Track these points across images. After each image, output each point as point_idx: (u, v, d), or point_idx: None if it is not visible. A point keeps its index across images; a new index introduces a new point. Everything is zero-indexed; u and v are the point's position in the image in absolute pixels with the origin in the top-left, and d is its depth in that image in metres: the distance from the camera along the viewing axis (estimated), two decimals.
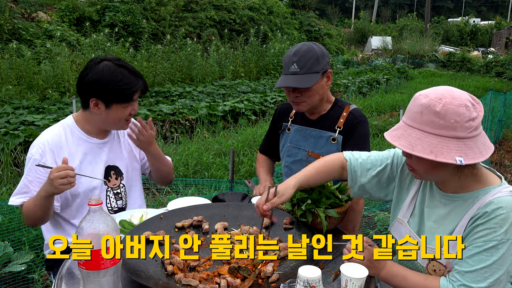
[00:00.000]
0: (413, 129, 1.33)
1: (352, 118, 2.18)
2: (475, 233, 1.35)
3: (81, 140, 2.06)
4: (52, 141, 2.00)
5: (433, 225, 1.48)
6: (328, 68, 2.13)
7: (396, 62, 19.79)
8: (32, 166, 1.95)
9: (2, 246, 2.96)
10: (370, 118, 8.33)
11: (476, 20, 37.32)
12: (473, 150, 1.29)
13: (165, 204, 2.24)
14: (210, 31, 15.94)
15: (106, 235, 1.30)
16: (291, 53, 2.09)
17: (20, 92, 8.02)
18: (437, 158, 1.27)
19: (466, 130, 1.28)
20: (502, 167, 6.46)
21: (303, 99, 2.12)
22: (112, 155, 2.15)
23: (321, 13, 40.91)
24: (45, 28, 11.34)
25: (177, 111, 7.44)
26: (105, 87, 1.92)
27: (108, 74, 1.93)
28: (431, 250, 1.44)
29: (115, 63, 1.97)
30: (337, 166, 1.72)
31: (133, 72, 1.99)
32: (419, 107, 1.33)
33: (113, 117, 2.00)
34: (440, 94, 1.31)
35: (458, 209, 1.42)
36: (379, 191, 1.69)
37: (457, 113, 1.28)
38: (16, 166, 5.24)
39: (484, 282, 1.32)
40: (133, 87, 1.97)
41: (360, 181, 1.68)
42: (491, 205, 1.32)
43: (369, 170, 1.67)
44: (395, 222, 1.62)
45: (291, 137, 2.31)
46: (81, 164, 2.04)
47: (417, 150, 1.30)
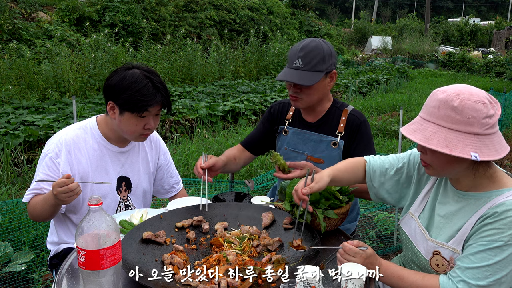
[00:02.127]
0: (429, 123, 1.35)
1: (353, 120, 2.15)
2: (482, 232, 1.35)
3: (100, 145, 2.03)
4: (71, 142, 1.97)
5: (442, 220, 1.49)
6: (333, 68, 2.09)
7: (396, 62, 19.79)
8: (45, 163, 1.94)
9: (2, 246, 2.96)
10: (370, 118, 8.33)
11: (476, 20, 37.29)
12: (488, 147, 1.30)
13: (165, 204, 2.24)
14: (210, 31, 15.94)
15: (106, 235, 1.30)
16: (299, 47, 2.03)
17: (20, 92, 8.02)
18: (452, 152, 1.28)
19: (482, 127, 1.29)
20: (502, 167, 6.46)
21: (301, 95, 2.08)
22: (127, 166, 2.12)
23: (321, 13, 40.90)
24: (45, 28, 11.34)
25: (177, 111, 7.44)
26: (121, 93, 1.89)
27: (129, 81, 1.89)
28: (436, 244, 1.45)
29: (143, 73, 1.92)
30: (360, 166, 1.73)
31: (156, 87, 1.91)
32: (436, 102, 1.34)
33: (125, 125, 1.95)
34: (458, 90, 1.33)
35: (469, 207, 1.42)
36: (398, 191, 1.69)
37: (474, 108, 1.29)
38: (16, 166, 5.24)
39: (484, 280, 1.32)
40: (149, 100, 1.88)
41: (380, 180, 1.70)
42: (502, 206, 1.33)
43: (387, 169, 1.69)
44: (406, 215, 1.63)
45: (289, 140, 2.26)
46: (95, 170, 2.01)
47: (433, 143, 1.31)
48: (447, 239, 1.44)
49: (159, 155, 2.28)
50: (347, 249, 1.42)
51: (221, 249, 1.67)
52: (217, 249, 1.68)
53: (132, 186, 2.15)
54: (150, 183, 2.25)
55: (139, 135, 1.99)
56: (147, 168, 2.21)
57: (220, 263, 1.54)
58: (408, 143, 6.77)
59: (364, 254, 1.41)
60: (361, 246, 1.43)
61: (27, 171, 5.02)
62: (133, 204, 2.16)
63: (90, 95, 8.80)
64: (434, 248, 1.46)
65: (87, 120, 2.08)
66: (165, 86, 1.97)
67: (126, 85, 1.88)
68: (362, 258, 1.41)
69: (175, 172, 2.41)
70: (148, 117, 1.94)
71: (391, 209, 4.33)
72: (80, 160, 1.98)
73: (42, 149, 2.04)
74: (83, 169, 1.98)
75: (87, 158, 1.99)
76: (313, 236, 1.66)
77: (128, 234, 1.67)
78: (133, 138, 2.03)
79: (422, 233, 1.53)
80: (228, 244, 1.69)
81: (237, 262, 1.54)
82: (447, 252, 1.43)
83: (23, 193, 4.55)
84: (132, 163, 2.14)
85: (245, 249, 1.66)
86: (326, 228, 1.73)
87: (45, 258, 3.15)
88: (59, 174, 1.93)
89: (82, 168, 1.98)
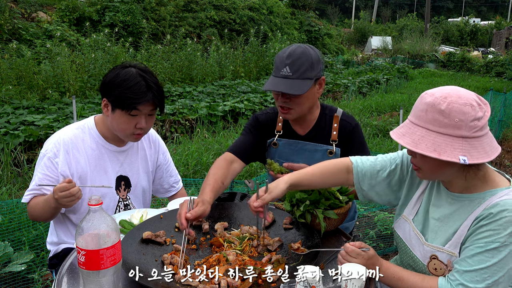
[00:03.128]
0: (418, 127, 1.33)
1: (345, 126, 2.09)
2: (478, 234, 1.34)
3: (98, 145, 2.03)
4: (69, 142, 1.97)
5: (437, 223, 1.48)
6: (321, 75, 2.00)
7: (396, 62, 19.79)
8: (44, 163, 1.94)
9: (2, 246, 2.96)
10: (370, 118, 8.33)
11: (476, 20, 37.31)
12: (478, 150, 1.28)
13: (165, 204, 2.24)
14: (210, 31, 15.94)
15: (106, 235, 1.30)
16: (285, 54, 1.93)
17: (20, 92, 8.02)
18: (440, 156, 1.27)
19: (471, 130, 1.28)
20: (502, 167, 6.46)
21: (291, 105, 1.97)
22: (126, 165, 2.12)
23: (321, 13, 40.89)
24: (45, 28, 11.34)
25: (177, 111, 7.44)
26: (113, 90, 1.88)
27: (121, 78, 1.88)
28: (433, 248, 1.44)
29: (138, 72, 1.90)
30: (342, 168, 1.65)
31: (149, 86, 1.88)
32: (424, 106, 1.32)
33: (117, 123, 1.94)
34: (445, 93, 1.31)
35: (463, 209, 1.41)
36: (388, 194, 1.64)
37: (462, 112, 1.27)
38: (16, 166, 5.24)
39: (482, 283, 1.31)
40: (138, 98, 1.86)
41: (370, 183, 1.63)
42: (497, 207, 1.32)
43: (379, 172, 1.63)
44: (400, 219, 1.61)
45: (280, 152, 2.15)
46: (94, 170, 2.01)
47: (421, 148, 1.30)
48: (443, 242, 1.43)
49: (158, 154, 2.28)
50: (349, 251, 1.42)
51: (221, 249, 1.67)
52: (217, 249, 1.68)
53: (131, 185, 2.15)
54: (149, 182, 2.25)
55: (131, 134, 1.96)
56: (146, 167, 2.21)
57: (220, 263, 1.54)
58: None
59: (366, 255, 1.41)
60: (363, 247, 1.43)
61: (27, 171, 5.02)
62: (133, 204, 2.16)
63: (90, 95, 8.80)
64: (431, 253, 1.45)
65: (85, 120, 2.08)
66: (159, 86, 1.93)
67: (119, 82, 1.87)
68: (364, 259, 1.41)
69: (175, 172, 2.40)
70: (140, 116, 1.91)
71: (391, 209, 4.33)
72: (78, 160, 1.98)
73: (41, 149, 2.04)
74: (81, 168, 1.98)
75: (85, 157, 1.99)
76: (313, 236, 1.66)
77: (128, 234, 1.67)
78: (126, 137, 2.01)
79: (418, 238, 1.51)
80: (228, 244, 1.69)
81: (237, 262, 1.54)
82: (445, 255, 1.42)
83: (23, 193, 4.54)
84: (131, 162, 2.14)
85: (245, 249, 1.66)
86: (326, 228, 1.73)
87: (45, 258, 3.15)
88: (58, 174, 1.93)
89: (81, 168, 1.98)
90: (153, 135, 2.28)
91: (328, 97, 11.18)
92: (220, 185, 1.91)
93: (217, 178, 1.91)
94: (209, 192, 1.82)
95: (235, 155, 2.08)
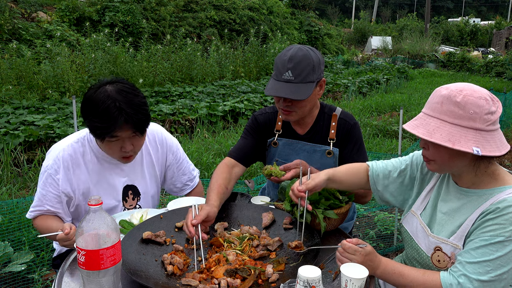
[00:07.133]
0: (432, 118, 1.37)
1: (343, 124, 2.09)
2: (483, 227, 1.36)
3: (99, 159, 1.98)
4: (68, 159, 1.93)
5: (443, 216, 1.50)
6: (322, 76, 2.00)
7: (396, 62, 19.79)
8: (45, 180, 1.93)
9: (2, 246, 2.96)
10: (370, 118, 8.33)
11: (476, 20, 37.30)
12: (490, 143, 1.32)
13: (165, 204, 2.24)
14: (210, 31, 15.94)
15: (106, 235, 1.31)
16: (286, 58, 1.90)
17: (20, 92, 8.02)
18: (454, 146, 1.30)
19: (484, 123, 1.32)
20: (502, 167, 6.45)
21: (293, 108, 1.98)
22: (132, 174, 2.08)
23: (321, 13, 40.90)
24: (45, 28, 11.34)
25: (177, 111, 7.44)
26: (85, 117, 1.79)
27: (91, 103, 1.75)
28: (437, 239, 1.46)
29: (112, 92, 1.74)
30: (363, 170, 1.75)
31: (120, 109, 1.71)
32: (439, 98, 1.37)
33: (103, 148, 1.90)
34: (461, 87, 1.37)
35: (471, 203, 1.44)
36: (402, 193, 1.70)
37: (476, 104, 1.32)
38: (16, 166, 5.24)
39: (485, 275, 1.32)
40: (108, 126, 1.72)
41: (383, 183, 1.71)
42: (504, 202, 1.34)
43: (390, 172, 1.71)
44: (408, 214, 1.64)
45: (279, 151, 2.17)
46: (97, 184, 1.98)
47: (435, 137, 1.33)
48: (448, 235, 1.45)
49: (166, 155, 2.21)
50: (346, 247, 1.43)
51: (221, 249, 1.67)
52: (217, 249, 1.68)
53: (141, 193, 2.12)
54: (157, 187, 2.23)
55: (119, 157, 1.91)
56: (154, 172, 2.17)
57: (220, 263, 1.54)
58: (408, 143, 6.77)
59: (363, 252, 1.42)
60: (360, 244, 1.44)
61: (27, 171, 5.02)
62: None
63: None
64: (435, 244, 1.47)
65: (85, 131, 2.00)
66: (135, 106, 1.75)
67: (89, 109, 1.76)
68: (362, 256, 1.41)
69: (188, 169, 2.31)
70: (122, 140, 1.81)
71: (391, 209, 4.33)
72: (79, 176, 1.95)
73: (42, 149, 2.03)
74: (83, 184, 1.96)
75: (86, 172, 1.96)
76: (313, 236, 1.66)
77: (128, 234, 1.67)
78: (118, 160, 1.96)
79: (424, 230, 1.54)
80: (228, 244, 1.69)
81: (237, 262, 1.54)
82: (449, 247, 1.44)
83: (23, 193, 4.56)
84: (136, 171, 2.09)
85: (245, 249, 1.66)
86: (326, 228, 1.73)
87: (45, 258, 3.15)
88: (59, 190, 1.92)
89: (82, 184, 1.96)
90: (160, 135, 2.19)
91: (328, 97, 11.18)
92: (224, 190, 1.93)
93: (220, 183, 1.93)
94: (214, 196, 1.84)
95: (235, 160, 2.12)
